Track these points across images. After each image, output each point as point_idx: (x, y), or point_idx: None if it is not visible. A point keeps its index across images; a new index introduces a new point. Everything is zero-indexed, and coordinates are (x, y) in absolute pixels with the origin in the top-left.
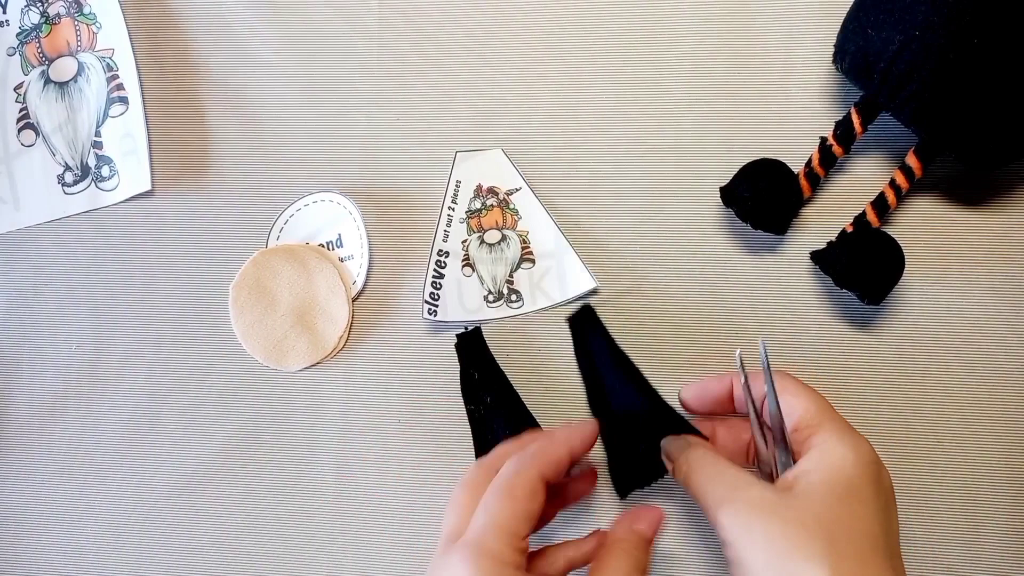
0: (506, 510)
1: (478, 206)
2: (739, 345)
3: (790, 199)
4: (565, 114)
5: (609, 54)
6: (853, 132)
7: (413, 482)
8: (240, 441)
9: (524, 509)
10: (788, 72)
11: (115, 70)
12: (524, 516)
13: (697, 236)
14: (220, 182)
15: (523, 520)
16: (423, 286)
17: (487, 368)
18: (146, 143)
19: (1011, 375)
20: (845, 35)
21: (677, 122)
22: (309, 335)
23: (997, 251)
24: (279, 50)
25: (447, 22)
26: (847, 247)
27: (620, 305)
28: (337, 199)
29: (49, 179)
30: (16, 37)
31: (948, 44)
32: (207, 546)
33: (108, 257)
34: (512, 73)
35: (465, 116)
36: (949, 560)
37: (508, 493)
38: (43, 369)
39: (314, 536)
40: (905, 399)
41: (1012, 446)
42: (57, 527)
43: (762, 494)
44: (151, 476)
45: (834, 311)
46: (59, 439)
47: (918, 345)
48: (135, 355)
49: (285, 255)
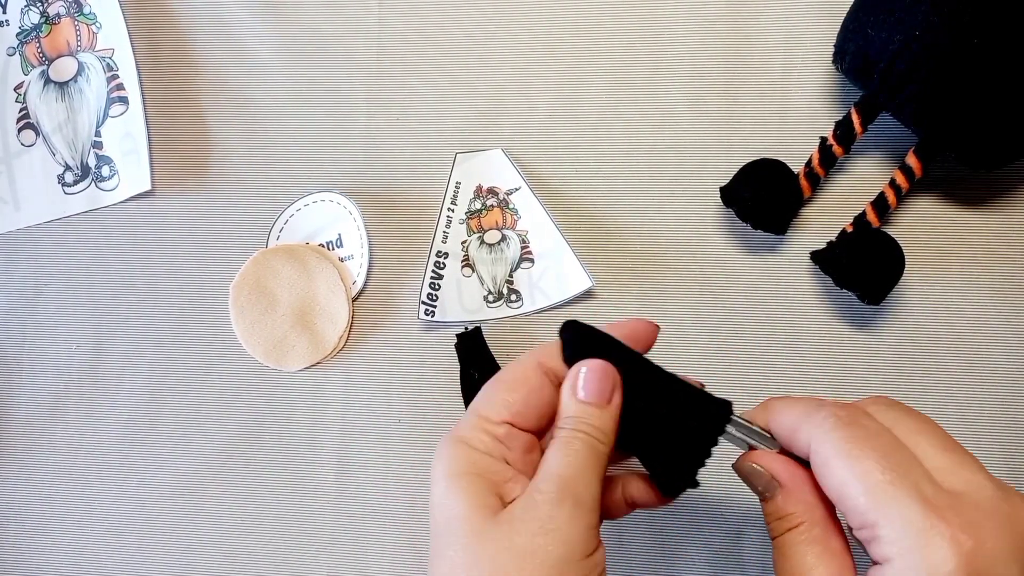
0: (482, 397)
1: (478, 206)
2: (739, 344)
3: (790, 199)
4: (565, 114)
5: (609, 54)
6: (853, 132)
7: (413, 482)
8: (240, 441)
9: (503, 396)
10: (788, 72)
11: (115, 70)
12: (501, 402)
13: (697, 236)
14: (220, 182)
15: (499, 406)
16: (421, 287)
17: (487, 368)
18: (146, 143)
19: (1011, 375)
20: (845, 35)
21: (677, 122)
22: (309, 335)
23: (997, 251)
24: (279, 50)
25: (447, 22)
26: (847, 247)
27: (620, 305)
28: (337, 199)
29: (49, 179)
30: (16, 37)
31: (948, 44)
32: (208, 546)
33: (108, 257)
34: (512, 73)
35: (465, 116)
36: None
37: (493, 381)
38: (44, 369)
39: (315, 536)
40: (905, 399)
41: (1012, 446)
42: (58, 527)
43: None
44: (152, 476)
45: (834, 311)
46: (60, 439)
47: (918, 345)
48: (135, 355)
49: (285, 255)
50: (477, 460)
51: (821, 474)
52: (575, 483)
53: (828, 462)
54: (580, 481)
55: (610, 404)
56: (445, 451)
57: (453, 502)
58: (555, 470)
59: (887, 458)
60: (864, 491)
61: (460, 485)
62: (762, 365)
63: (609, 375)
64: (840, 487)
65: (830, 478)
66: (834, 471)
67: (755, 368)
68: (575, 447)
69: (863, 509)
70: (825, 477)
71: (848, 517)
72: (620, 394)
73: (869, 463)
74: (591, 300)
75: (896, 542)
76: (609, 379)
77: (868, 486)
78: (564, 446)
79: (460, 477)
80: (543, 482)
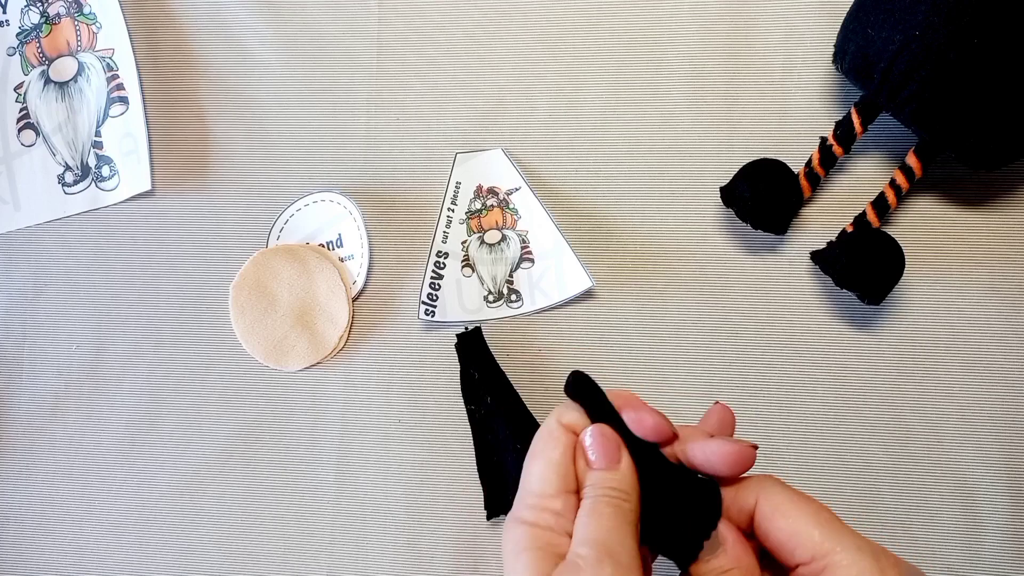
0: (528, 475)
1: (478, 206)
2: (739, 344)
3: (790, 199)
4: (565, 114)
5: (609, 54)
6: (853, 132)
7: (413, 482)
8: (240, 441)
9: (540, 467)
10: (788, 72)
11: (115, 70)
12: (539, 475)
13: (697, 236)
14: (220, 182)
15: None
16: (421, 287)
17: (487, 368)
18: (146, 143)
19: (1011, 375)
20: (845, 35)
21: (677, 122)
22: (309, 335)
23: (997, 251)
24: (279, 50)
25: (447, 22)
26: (847, 247)
27: (620, 305)
28: (337, 199)
29: (49, 179)
30: (16, 37)
31: (948, 44)
32: (208, 546)
33: (108, 257)
34: (512, 73)
35: (465, 116)
36: (949, 560)
37: (529, 456)
38: (44, 369)
39: (315, 536)
40: (905, 399)
41: (1012, 446)
42: (58, 527)
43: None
44: (152, 476)
45: (834, 311)
46: (60, 439)
47: (918, 345)
48: (136, 355)
49: (285, 255)
50: (539, 535)
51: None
52: (610, 543)
53: (781, 507)
54: (615, 540)
55: (620, 464)
56: (509, 533)
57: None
58: (590, 535)
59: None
60: (817, 526)
61: (521, 560)
62: (762, 365)
63: (609, 437)
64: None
65: (783, 520)
66: (787, 514)
67: (755, 368)
68: (601, 510)
69: (818, 540)
70: (776, 520)
71: (797, 554)
72: (627, 452)
73: (815, 506)
74: (591, 300)
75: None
76: (611, 440)
77: (819, 522)
78: (592, 511)
79: (521, 553)
80: (581, 547)
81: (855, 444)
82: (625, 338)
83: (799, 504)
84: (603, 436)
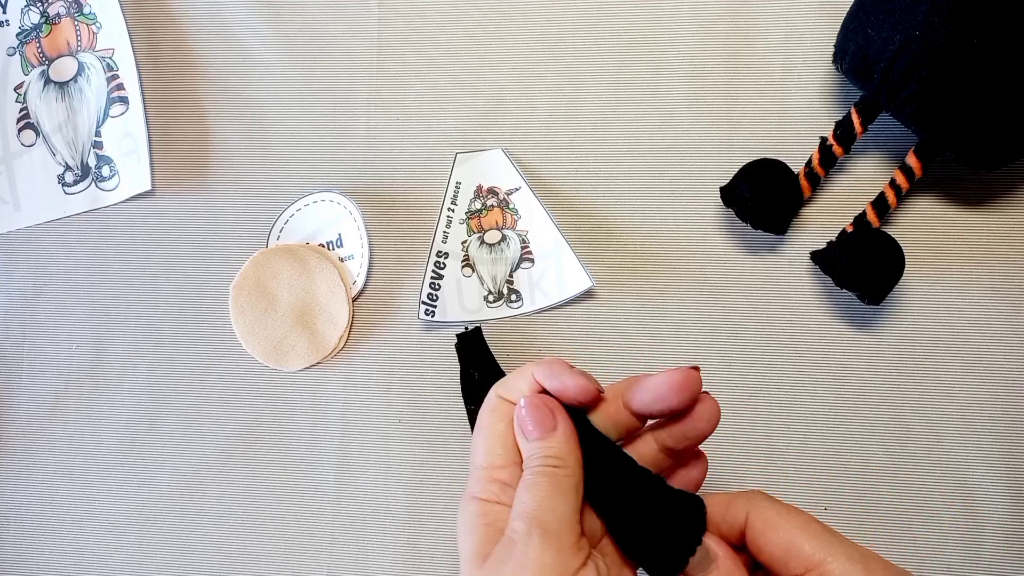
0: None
1: (478, 206)
2: (739, 344)
3: (790, 199)
4: (565, 114)
5: (609, 54)
6: (853, 132)
7: (413, 482)
8: (241, 441)
9: (484, 439)
10: (788, 72)
11: (115, 70)
12: (484, 447)
13: (697, 236)
14: (220, 182)
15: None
16: (421, 287)
17: (487, 368)
18: (146, 143)
19: (1011, 375)
20: (845, 35)
21: (677, 122)
22: (309, 335)
23: (997, 251)
24: (279, 50)
25: (447, 22)
26: (847, 247)
27: (620, 305)
28: (337, 199)
29: (49, 179)
30: (16, 37)
31: (948, 44)
32: (208, 546)
33: (108, 257)
34: (512, 73)
35: (465, 116)
36: (949, 560)
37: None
38: (44, 369)
39: (315, 536)
40: (905, 399)
41: (1012, 446)
42: (58, 527)
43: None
44: (152, 476)
45: (834, 311)
46: (60, 439)
47: (918, 345)
48: (136, 355)
49: (285, 255)
50: (488, 511)
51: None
52: (540, 514)
53: (771, 521)
54: (545, 510)
55: (556, 430)
56: (461, 511)
57: (461, 553)
58: (522, 508)
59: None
60: (807, 538)
61: (466, 539)
62: (762, 365)
63: (540, 405)
64: (785, 539)
65: (774, 534)
66: (778, 528)
67: (755, 368)
68: (535, 481)
69: (810, 551)
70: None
71: (791, 566)
72: (564, 417)
73: (804, 518)
74: (591, 300)
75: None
76: (544, 408)
77: (809, 535)
78: (529, 484)
79: (468, 531)
80: (514, 521)
81: (855, 444)
82: (625, 338)
83: (789, 517)
84: (535, 405)
